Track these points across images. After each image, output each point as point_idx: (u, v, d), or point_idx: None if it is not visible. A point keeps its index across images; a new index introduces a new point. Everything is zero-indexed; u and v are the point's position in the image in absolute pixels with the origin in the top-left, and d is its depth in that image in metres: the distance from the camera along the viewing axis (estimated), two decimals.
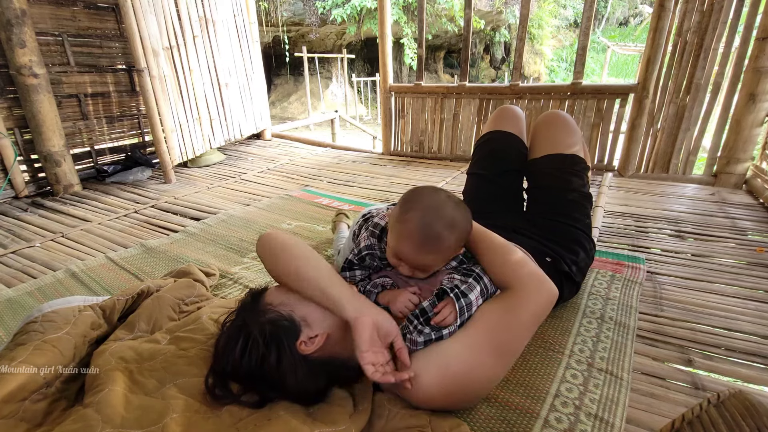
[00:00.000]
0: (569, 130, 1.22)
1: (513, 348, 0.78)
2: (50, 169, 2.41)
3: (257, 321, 0.74)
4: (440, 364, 0.73)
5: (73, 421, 0.66)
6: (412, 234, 0.77)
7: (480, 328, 0.77)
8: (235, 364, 0.72)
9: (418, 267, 0.83)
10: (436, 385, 0.73)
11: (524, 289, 0.79)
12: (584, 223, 1.14)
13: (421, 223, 0.76)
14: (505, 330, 0.77)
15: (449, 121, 3.06)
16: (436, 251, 0.79)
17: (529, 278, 0.80)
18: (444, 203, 0.79)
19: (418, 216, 0.77)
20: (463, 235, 0.81)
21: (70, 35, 2.57)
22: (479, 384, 0.76)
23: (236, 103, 3.35)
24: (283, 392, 0.73)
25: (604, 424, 0.79)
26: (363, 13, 9.23)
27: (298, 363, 0.72)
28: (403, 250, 0.80)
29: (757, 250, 1.53)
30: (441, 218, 0.77)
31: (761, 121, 2.13)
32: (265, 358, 0.71)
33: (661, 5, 2.24)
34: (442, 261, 0.84)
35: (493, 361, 0.75)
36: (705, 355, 1.00)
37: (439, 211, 0.78)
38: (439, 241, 0.77)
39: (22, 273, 1.51)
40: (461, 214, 0.80)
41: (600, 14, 13.51)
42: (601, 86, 2.58)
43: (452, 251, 0.82)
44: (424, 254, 0.79)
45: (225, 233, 1.78)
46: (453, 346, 0.75)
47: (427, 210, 0.78)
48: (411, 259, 0.80)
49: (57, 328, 0.85)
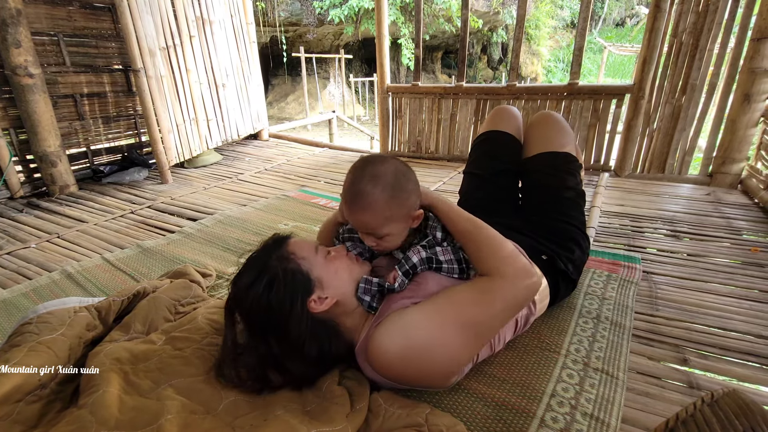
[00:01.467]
0: (561, 129, 1.23)
1: (480, 330, 0.79)
2: (46, 169, 2.40)
3: (281, 266, 0.78)
4: (403, 328, 0.74)
5: (68, 423, 0.65)
6: (343, 195, 0.83)
7: (448, 301, 0.78)
8: (254, 298, 0.75)
9: (367, 231, 0.85)
10: (396, 351, 0.73)
11: (505, 276, 0.80)
12: (579, 220, 1.14)
13: (347, 183, 0.82)
14: (473, 308, 0.78)
15: (446, 121, 3.07)
16: (366, 207, 0.80)
17: (513, 267, 0.81)
18: (371, 160, 0.82)
19: (346, 178, 0.83)
20: (391, 190, 0.80)
21: (66, 35, 2.56)
22: (439, 359, 0.75)
23: (233, 103, 3.34)
24: (283, 341, 0.76)
25: (599, 423, 0.80)
26: (360, 13, 9.23)
27: (304, 318, 0.76)
28: (346, 215, 0.85)
29: (751, 250, 1.53)
30: (363, 174, 0.80)
31: (756, 122, 2.15)
32: (282, 301, 0.75)
33: (657, 6, 2.25)
34: (382, 220, 0.82)
35: (456, 338, 0.75)
36: (700, 354, 1.01)
37: (363, 169, 0.81)
38: (364, 196, 0.79)
39: (17, 274, 1.50)
40: (388, 169, 0.81)
41: (597, 15, 13.56)
42: (597, 87, 2.59)
43: (387, 207, 0.80)
44: (357, 213, 0.82)
45: (222, 234, 1.78)
46: (417, 315, 0.76)
47: (353, 170, 0.82)
48: (352, 222, 0.85)
49: (52, 329, 0.85)
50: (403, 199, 0.82)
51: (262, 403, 0.75)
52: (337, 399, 0.76)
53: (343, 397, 0.77)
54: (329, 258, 0.84)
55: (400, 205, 0.82)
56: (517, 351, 1.00)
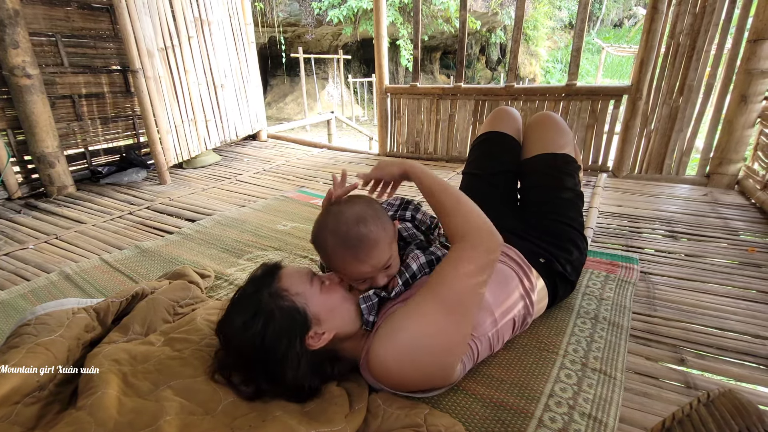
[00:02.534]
0: (560, 130, 1.23)
1: (463, 300, 0.76)
2: (44, 170, 2.39)
3: (276, 305, 0.75)
4: (390, 334, 0.74)
5: (66, 425, 0.65)
6: (337, 251, 0.78)
7: (425, 289, 0.78)
8: (247, 341, 0.73)
9: (380, 268, 0.82)
10: (389, 357, 0.73)
11: (464, 240, 0.80)
12: (577, 221, 1.15)
13: (340, 243, 0.78)
14: (445, 283, 0.76)
15: (445, 122, 3.07)
16: (372, 246, 0.78)
17: (471, 229, 0.82)
18: (338, 216, 0.80)
19: (330, 243, 0.79)
20: (379, 219, 0.81)
21: (63, 36, 2.55)
22: (433, 350, 0.74)
23: (232, 104, 3.34)
24: (277, 382, 0.75)
25: (597, 423, 0.80)
26: (359, 14, 9.24)
27: (302, 357, 0.74)
28: (351, 270, 0.80)
29: (748, 250, 1.54)
30: (348, 225, 0.77)
31: (753, 122, 2.16)
32: (277, 344, 0.73)
33: (655, 7, 2.26)
34: (388, 249, 0.82)
35: (443, 321, 0.74)
36: (698, 354, 1.01)
37: (342, 223, 0.78)
38: (366, 238, 0.77)
39: (15, 275, 1.50)
40: (357, 206, 0.81)
41: (594, 16, 13.59)
42: (595, 88, 2.60)
43: (385, 234, 0.80)
44: (366, 258, 0.78)
45: (220, 234, 1.78)
46: (399, 315, 0.76)
47: (334, 233, 0.78)
48: (364, 270, 0.80)
49: (50, 330, 0.85)
50: (387, 220, 0.83)
51: (261, 404, 0.76)
52: (336, 399, 0.76)
53: (342, 397, 0.77)
54: (324, 289, 0.82)
55: (390, 225, 0.84)
56: (516, 351, 1.00)
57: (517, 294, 0.95)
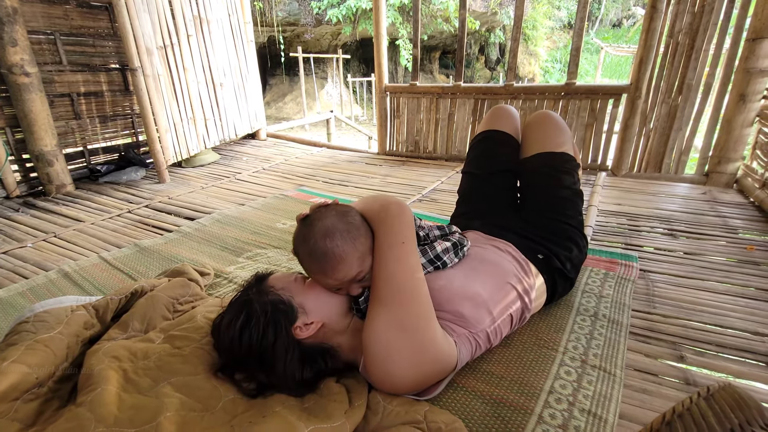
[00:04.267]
0: (559, 129, 1.23)
1: (395, 284, 0.78)
2: (42, 168, 2.38)
3: (260, 300, 0.78)
4: (367, 339, 0.76)
5: (66, 421, 0.65)
6: (306, 263, 0.82)
7: (379, 284, 0.80)
8: (235, 338, 0.76)
9: (349, 281, 0.82)
10: (373, 363, 0.75)
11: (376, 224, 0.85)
12: (577, 219, 1.15)
13: (307, 254, 0.80)
14: (376, 276, 0.80)
15: (444, 121, 3.07)
16: (340, 259, 0.79)
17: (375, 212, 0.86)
18: (308, 228, 0.81)
19: (300, 253, 0.82)
20: (348, 233, 0.80)
21: (62, 34, 2.55)
22: (399, 344, 0.74)
23: (231, 102, 3.34)
24: (271, 374, 0.76)
25: (597, 419, 0.80)
26: (358, 13, 9.23)
27: (290, 346, 0.76)
28: (323, 280, 0.83)
29: (747, 248, 1.54)
30: (316, 240, 0.79)
31: (751, 121, 2.16)
32: (263, 336, 0.75)
33: (654, 7, 2.26)
34: (358, 263, 0.81)
35: (389, 310, 0.76)
36: (697, 351, 1.01)
37: (311, 237, 0.80)
38: (331, 253, 0.78)
39: (13, 273, 1.50)
40: (332, 219, 0.81)
41: (593, 16, 13.61)
42: (594, 87, 2.60)
43: (354, 249, 0.80)
44: (332, 273, 0.80)
45: (220, 233, 1.78)
46: (367, 321, 0.78)
47: (302, 244, 0.81)
48: (331, 284, 0.83)
49: (49, 327, 0.85)
50: (362, 232, 0.83)
51: (261, 401, 0.76)
52: (335, 396, 0.76)
53: (342, 394, 0.77)
54: (309, 284, 0.85)
55: (364, 238, 0.83)
56: (515, 348, 1.00)
57: (514, 291, 0.95)
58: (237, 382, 0.78)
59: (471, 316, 0.86)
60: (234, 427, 0.68)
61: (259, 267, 1.45)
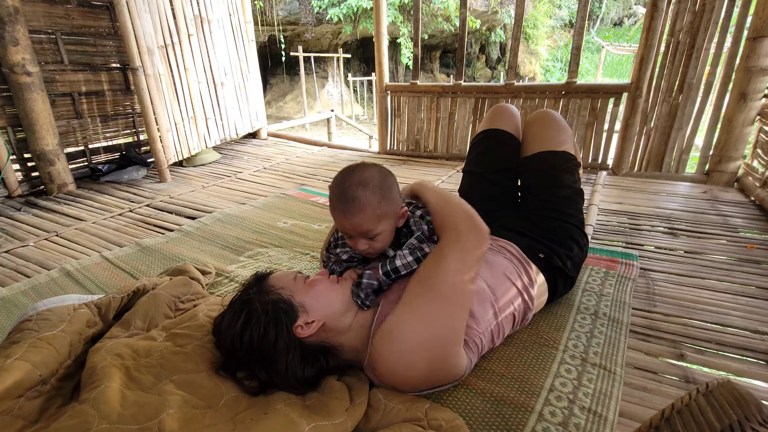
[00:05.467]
0: (559, 127, 1.24)
1: (448, 292, 0.77)
2: (44, 168, 2.39)
3: (260, 300, 0.79)
4: (387, 332, 0.76)
5: (69, 417, 0.66)
6: (332, 201, 0.85)
7: (411, 283, 0.80)
8: (236, 337, 0.76)
9: (360, 234, 0.85)
10: (396, 362, 0.74)
11: (452, 230, 0.82)
12: (577, 218, 1.15)
13: (335, 190, 0.84)
14: (431, 278, 0.78)
15: (445, 120, 3.07)
16: (358, 209, 0.81)
17: (458, 221, 0.84)
18: (354, 169, 0.85)
19: (333, 185, 0.85)
20: (380, 190, 0.83)
21: (63, 33, 2.55)
22: (428, 345, 0.74)
23: (232, 102, 3.34)
24: (272, 373, 0.76)
25: (597, 417, 0.80)
26: (359, 12, 9.23)
27: (292, 345, 0.77)
28: (337, 221, 0.86)
29: (748, 247, 1.55)
30: (351, 179, 0.83)
31: (752, 120, 2.16)
32: (264, 334, 0.75)
33: (654, 5, 2.26)
34: (374, 221, 0.83)
35: (439, 310, 0.75)
36: (697, 349, 1.02)
37: (349, 175, 0.84)
38: (357, 199, 0.81)
39: (15, 272, 1.50)
40: (373, 173, 0.84)
41: (594, 14, 13.59)
42: (595, 85, 2.60)
43: (378, 206, 0.82)
44: (349, 216, 0.82)
45: (221, 232, 1.78)
46: (397, 317, 0.77)
47: (339, 178, 0.85)
48: (345, 227, 0.86)
49: (52, 326, 0.85)
50: (391, 199, 0.85)
51: (263, 398, 0.76)
52: (337, 394, 0.76)
53: (343, 391, 0.77)
54: (309, 283, 0.85)
55: (389, 203, 0.84)
56: (516, 347, 1.01)
57: (515, 289, 0.96)
58: (239, 380, 0.79)
59: (477, 312, 0.86)
60: (236, 425, 0.69)
61: (260, 266, 1.46)
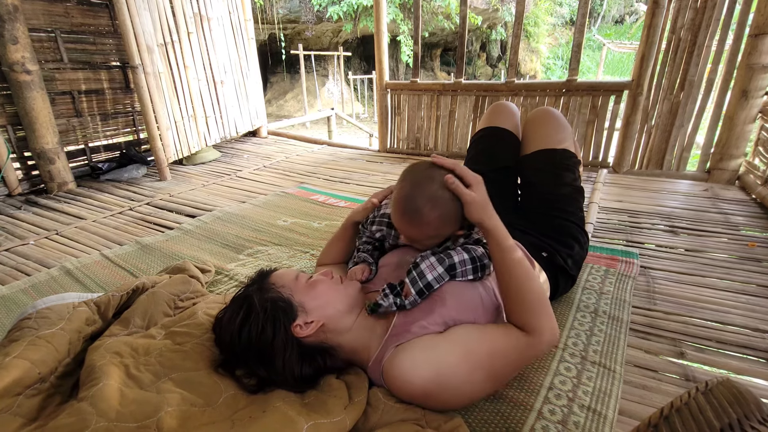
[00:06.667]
0: (559, 125, 1.23)
1: (505, 379, 0.81)
2: (44, 166, 2.39)
3: (260, 297, 0.79)
4: (432, 365, 0.72)
5: (68, 415, 0.65)
6: (396, 203, 0.82)
7: (485, 350, 0.75)
8: (234, 333, 0.77)
9: (407, 237, 0.86)
10: (422, 384, 0.71)
11: (538, 335, 0.78)
12: (578, 216, 1.14)
13: (403, 195, 0.80)
14: (507, 362, 0.77)
15: (445, 118, 3.07)
16: (416, 224, 0.80)
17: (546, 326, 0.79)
18: (431, 179, 0.79)
19: (404, 187, 0.81)
20: (447, 215, 0.79)
21: (63, 32, 2.55)
22: (460, 399, 0.76)
23: (232, 100, 3.34)
24: (270, 370, 0.76)
25: (597, 415, 0.80)
26: (359, 10, 9.21)
27: (289, 343, 0.76)
28: (393, 218, 0.85)
29: (749, 245, 1.54)
30: (422, 194, 0.78)
31: (754, 118, 2.15)
32: (262, 331, 0.75)
33: (656, 3, 2.25)
34: (425, 236, 0.83)
35: (484, 385, 0.76)
36: (697, 347, 1.01)
37: (423, 186, 0.79)
38: (418, 215, 0.78)
39: (15, 270, 1.50)
40: (446, 195, 0.78)
41: (596, 12, 13.54)
42: (596, 83, 2.59)
43: (435, 228, 0.80)
44: (404, 225, 0.82)
45: (220, 230, 1.78)
46: (450, 357, 0.73)
47: (413, 183, 0.80)
48: (399, 226, 0.85)
49: (51, 324, 0.85)
50: (452, 224, 0.82)
51: (262, 396, 0.76)
52: (335, 392, 0.76)
53: (341, 390, 0.77)
54: (310, 283, 0.84)
55: (448, 228, 0.83)
56: None
57: None
58: (238, 377, 0.79)
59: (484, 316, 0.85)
60: (234, 422, 0.68)
61: (260, 264, 1.46)
